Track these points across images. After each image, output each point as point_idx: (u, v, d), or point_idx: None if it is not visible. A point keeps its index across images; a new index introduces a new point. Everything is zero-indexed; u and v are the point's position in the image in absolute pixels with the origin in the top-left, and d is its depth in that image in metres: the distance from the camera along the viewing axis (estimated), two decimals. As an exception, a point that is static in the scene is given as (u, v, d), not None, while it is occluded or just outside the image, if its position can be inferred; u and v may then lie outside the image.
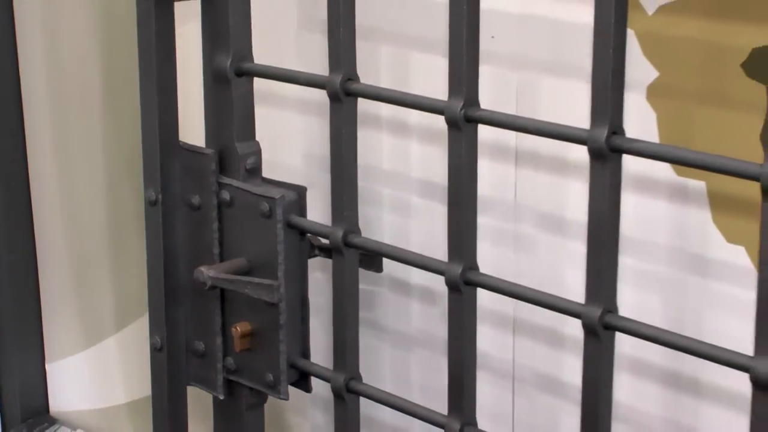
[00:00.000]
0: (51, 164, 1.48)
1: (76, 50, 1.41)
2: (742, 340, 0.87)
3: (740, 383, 0.86)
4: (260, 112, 1.12)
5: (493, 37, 1.06)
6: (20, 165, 1.48)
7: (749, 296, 0.86)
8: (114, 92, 1.39)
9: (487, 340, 1.11)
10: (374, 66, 1.14)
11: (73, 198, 1.47)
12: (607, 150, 0.88)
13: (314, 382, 1.13)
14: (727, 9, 0.94)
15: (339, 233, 1.05)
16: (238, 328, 1.11)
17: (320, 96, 1.05)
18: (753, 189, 0.82)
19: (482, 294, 1.00)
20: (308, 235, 1.09)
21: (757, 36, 0.92)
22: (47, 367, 1.56)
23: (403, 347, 1.21)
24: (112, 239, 1.45)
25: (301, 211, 1.09)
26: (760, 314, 0.84)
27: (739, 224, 0.97)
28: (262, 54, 1.11)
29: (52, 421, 1.56)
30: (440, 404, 1.03)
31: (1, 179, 1.47)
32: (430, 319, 1.17)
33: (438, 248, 1.04)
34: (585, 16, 0.96)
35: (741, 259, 0.97)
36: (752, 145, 0.94)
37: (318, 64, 1.14)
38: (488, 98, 0.99)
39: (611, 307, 0.91)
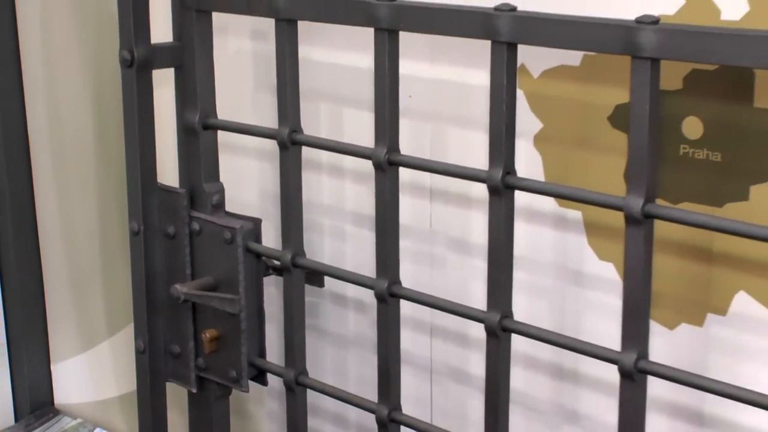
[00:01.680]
0: (53, 201, 1.46)
1: (73, 108, 1.40)
2: (611, 338, 0.88)
3: (610, 373, 0.87)
4: (223, 158, 1.11)
5: (410, 96, 1.06)
6: (28, 202, 1.47)
7: (617, 303, 0.87)
8: (104, 143, 1.38)
9: (408, 340, 1.11)
10: (315, 120, 1.13)
11: (71, 229, 1.46)
12: (502, 187, 0.88)
13: (269, 377, 1.12)
14: (596, 73, 0.94)
15: (288, 256, 1.04)
16: (206, 333, 1.10)
17: (272, 145, 1.05)
18: (619, 217, 0.83)
19: (404, 304, 1.00)
20: (263, 257, 1.09)
21: (619, 95, 0.93)
22: (52, 367, 1.54)
23: (341, 347, 1.20)
24: (103, 262, 1.44)
25: (257, 238, 1.09)
26: (626, 317, 0.84)
27: (608, 245, 0.97)
28: (224, 111, 1.10)
29: (56, 412, 1.54)
30: (372, 393, 1.03)
31: (12, 214, 1.45)
32: (363, 325, 1.17)
33: (368, 267, 1.04)
34: (483, 79, 0.97)
35: (610, 273, 0.97)
36: (618, 182, 0.94)
37: (269, 119, 1.13)
38: (407, 145, 0.99)
39: (508, 313, 0.92)
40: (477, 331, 0.98)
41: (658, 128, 0.81)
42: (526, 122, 0.99)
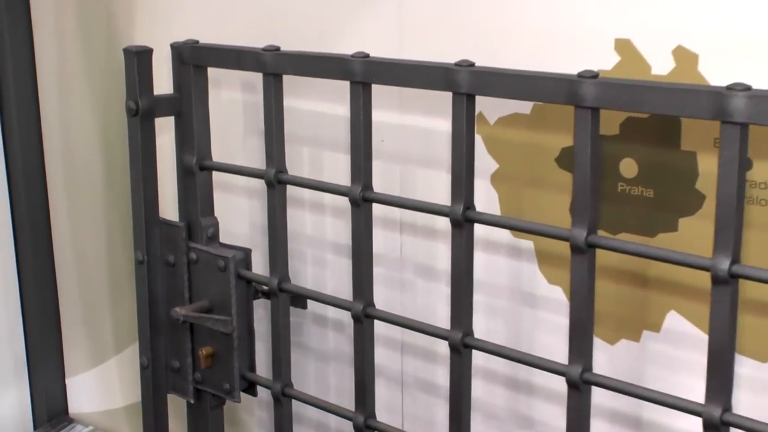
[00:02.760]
0: (68, 233, 1.45)
1: (85, 152, 1.39)
2: (560, 353, 0.88)
3: (559, 384, 0.86)
4: (217, 195, 1.11)
5: (382, 140, 1.06)
6: (45, 234, 1.46)
7: (564, 322, 0.87)
8: (112, 182, 1.37)
9: (382, 356, 1.11)
10: (298, 162, 1.14)
11: (84, 257, 1.45)
12: (463, 220, 0.89)
13: (259, 389, 1.11)
14: (544, 120, 0.95)
15: (275, 281, 1.04)
16: (203, 350, 1.10)
17: (260, 183, 1.05)
18: (565, 246, 0.83)
19: (378, 323, 1.00)
20: (253, 282, 1.08)
21: (564, 139, 0.94)
22: (66, 380, 1.53)
23: (322, 362, 1.20)
24: (112, 287, 1.43)
25: (248, 265, 1.09)
26: (572, 334, 0.84)
27: (557, 272, 0.97)
28: (218, 154, 1.10)
29: (70, 420, 1.52)
30: (349, 403, 1.02)
31: (32, 243, 1.45)
32: (341, 342, 1.17)
33: (346, 291, 1.04)
34: (446, 125, 0.97)
35: (559, 295, 0.97)
36: (564, 215, 0.95)
37: (258, 160, 1.13)
38: (379, 184, 0.99)
39: (469, 331, 0.92)
40: (442, 347, 0.98)
41: (598, 168, 0.81)
42: (484, 163, 0.99)
